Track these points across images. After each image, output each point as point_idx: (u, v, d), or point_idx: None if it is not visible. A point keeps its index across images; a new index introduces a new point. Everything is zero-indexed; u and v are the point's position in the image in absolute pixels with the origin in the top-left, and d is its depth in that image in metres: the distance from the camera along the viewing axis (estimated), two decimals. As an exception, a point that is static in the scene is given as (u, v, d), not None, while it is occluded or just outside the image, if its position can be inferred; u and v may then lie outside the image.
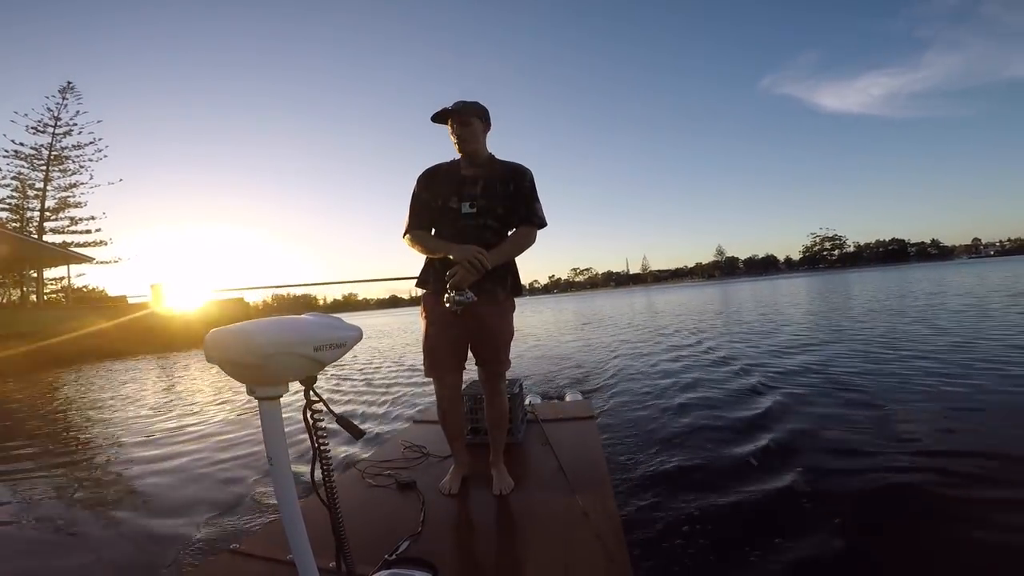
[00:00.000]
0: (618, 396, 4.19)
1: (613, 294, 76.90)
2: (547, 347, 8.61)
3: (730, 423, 3.13)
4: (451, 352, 1.82)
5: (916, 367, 4.31)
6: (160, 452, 3.52)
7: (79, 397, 6.88)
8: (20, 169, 28.58)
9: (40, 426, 4.91)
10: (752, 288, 34.22)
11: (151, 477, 2.98)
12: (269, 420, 0.85)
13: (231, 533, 2.07)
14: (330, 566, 1.04)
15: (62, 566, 1.94)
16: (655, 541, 1.76)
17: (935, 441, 2.53)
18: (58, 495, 2.75)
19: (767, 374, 4.56)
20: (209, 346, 0.80)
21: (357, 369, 7.64)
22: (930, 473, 2.15)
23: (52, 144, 29.29)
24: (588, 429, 2.57)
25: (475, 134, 1.77)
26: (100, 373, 10.11)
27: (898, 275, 34.59)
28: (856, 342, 6.08)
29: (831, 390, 3.80)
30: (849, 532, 1.73)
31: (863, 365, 4.63)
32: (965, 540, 1.66)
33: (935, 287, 15.75)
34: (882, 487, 2.07)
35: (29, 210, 28.93)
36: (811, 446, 2.59)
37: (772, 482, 2.18)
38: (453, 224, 1.77)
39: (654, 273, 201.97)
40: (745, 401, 3.66)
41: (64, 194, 29.62)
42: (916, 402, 3.30)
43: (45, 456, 3.63)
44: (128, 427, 4.49)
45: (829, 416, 3.13)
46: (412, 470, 2.13)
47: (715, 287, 53.58)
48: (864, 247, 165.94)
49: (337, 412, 0.92)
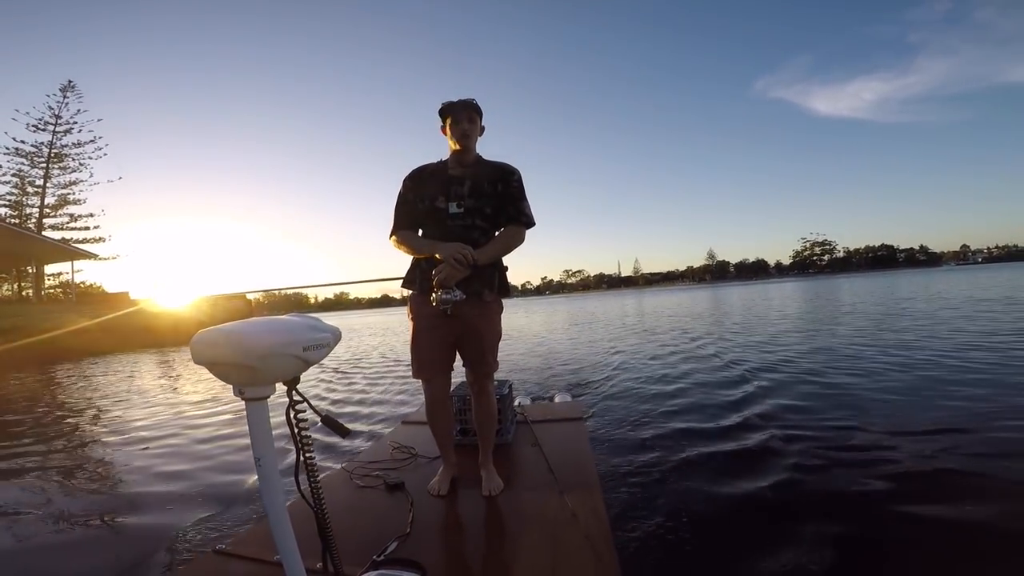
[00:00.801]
0: (607, 397, 4.21)
1: (604, 296, 76.95)
2: (541, 346, 8.63)
3: (718, 424, 3.16)
4: (438, 353, 1.81)
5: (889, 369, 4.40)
6: (144, 450, 3.47)
7: (71, 393, 6.76)
8: (20, 166, 29.24)
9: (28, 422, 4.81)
10: (743, 292, 34.51)
11: (136, 475, 2.94)
12: (257, 421, 0.85)
13: (217, 533, 2.05)
14: (317, 567, 1.03)
15: (43, 567, 1.90)
16: (643, 542, 1.77)
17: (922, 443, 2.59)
18: (37, 494, 2.70)
19: (756, 374, 4.61)
20: (197, 347, 0.79)
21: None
22: (914, 480, 2.19)
23: (52, 142, 30.01)
24: (577, 430, 2.58)
25: (476, 131, 1.81)
26: (101, 367, 9.98)
27: (885, 281, 35.07)
28: (843, 343, 6.19)
29: (823, 393, 3.85)
30: (840, 534, 1.75)
31: (853, 363, 4.72)
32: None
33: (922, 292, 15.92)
34: (872, 489, 2.09)
35: (28, 206, 29.57)
36: (801, 447, 2.62)
37: (761, 483, 2.21)
38: (441, 224, 1.78)
39: (645, 276, 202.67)
40: (733, 403, 3.70)
41: (64, 191, 30.43)
42: (905, 407, 3.37)
43: (25, 456, 3.56)
44: (113, 423, 4.41)
45: (822, 418, 3.16)
46: (401, 471, 2.13)
47: (706, 291, 53.75)
48: (854, 252, 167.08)
49: (322, 412, 0.92)
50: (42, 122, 29.55)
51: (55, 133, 30.02)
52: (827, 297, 18.36)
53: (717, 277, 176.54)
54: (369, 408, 4.55)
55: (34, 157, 29.55)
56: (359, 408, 4.59)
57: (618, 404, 3.93)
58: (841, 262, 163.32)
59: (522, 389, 4.68)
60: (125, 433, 4.11)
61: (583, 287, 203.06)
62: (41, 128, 29.58)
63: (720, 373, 4.94)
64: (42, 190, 29.73)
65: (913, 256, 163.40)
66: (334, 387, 5.99)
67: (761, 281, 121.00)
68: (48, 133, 29.77)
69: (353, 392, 5.52)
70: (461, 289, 1.66)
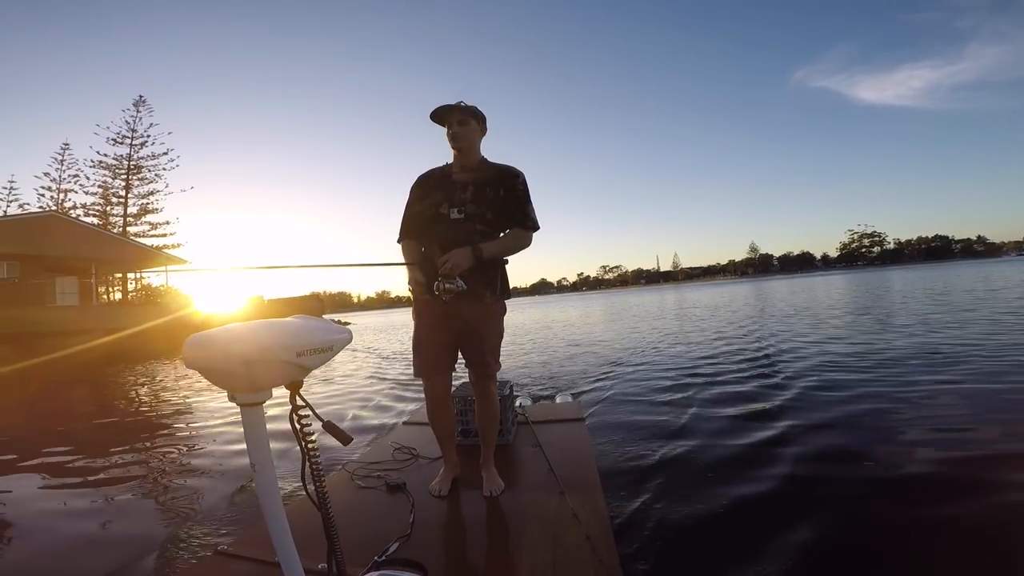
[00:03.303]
0: (609, 396, 4.20)
1: (642, 292, 75.80)
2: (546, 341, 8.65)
3: (721, 423, 3.15)
4: (440, 352, 1.83)
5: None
6: (147, 451, 3.48)
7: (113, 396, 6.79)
8: (104, 178, 32.54)
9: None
10: (787, 286, 33.42)
11: (136, 475, 2.95)
12: (251, 427, 0.84)
13: (219, 534, 2.06)
14: (319, 567, 1.04)
15: (44, 566, 1.91)
16: (645, 542, 1.76)
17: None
18: (40, 494, 2.71)
19: (762, 372, 4.59)
20: (188, 352, 0.77)
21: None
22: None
23: (130, 155, 32.71)
24: (578, 431, 2.59)
25: (470, 134, 1.80)
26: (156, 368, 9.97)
27: (942, 272, 33.07)
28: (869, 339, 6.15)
29: (843, 397, 3.58)
30: (845, 539, 1.73)
31: (868, 356, 4.69)
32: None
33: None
34: (881, 489, 2.08)
35: (113, 215, 32.73)
36: (808, 447, 2.58)
37: (766, 484, 2.19)
38: (443, 230, 1.79)
39: (685, 271, 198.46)
40: (739, 400, 3.68)
41: (143, 201, 33.06)
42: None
43: (30, 456, 3.58)
44: (131, 426, 4.43)
45: (834, 419, 3.04)
46: (402, 472, 2.13)
47: (748, 285, 51.76)
48: (905, 244, 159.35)
49: (325, 418, 0.92)
50: (120, 135, 32.28)
51: (132, 146, 32.74)
52: (883, 289, 17.33)
53: (760, 271, 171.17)
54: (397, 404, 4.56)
55: (115, 169, 32.53)
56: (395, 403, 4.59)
57: (620, 404, 3.92)
58: (892, 254, 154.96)
59: (523, 390, 4.68)
60: (135, 432, 4.13)
61: (620, 283, 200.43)
62: (119, 141, 32.39)
63: (724, 369, 4.92)
64: (124, 200, 32.71)
65: (970, 246, 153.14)
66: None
67: (806, 274, 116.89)
68: (126, 146, 32.61)
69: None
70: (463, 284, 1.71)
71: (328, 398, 5.19)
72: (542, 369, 6.09)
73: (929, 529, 1.74)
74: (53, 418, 5.30)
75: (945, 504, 1.89)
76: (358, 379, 6.46)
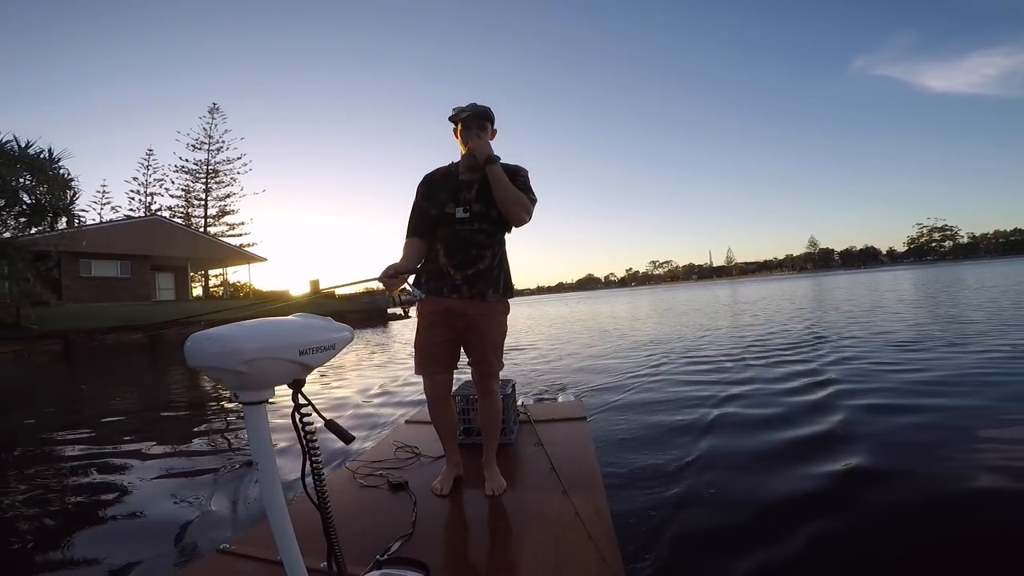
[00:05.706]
0: (611, 397, 4.19)
1: (692, 287, 74.09)
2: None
3: (727, 420, 3.14)
4: (441, 350, 1.84)
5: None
6: (147, 448, 3.48)
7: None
8: (187, 182, 35.82)
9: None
10: (848, 281, 32.06)
11: (137, 472, 2.95)
12: (254, 425, 0.84)
13: (220, 532, 2.05)
14: (321, 566, 1.04)
15: (44, 560, 1.91)
16: (648, 541, 1.76)
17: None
18: (38, 492, 2.72)
19: (765, 369, 4.57)
20: (190, 351, 0.77)
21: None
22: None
23: (208, 160, 35.77)
24: (580, 430, 2.58)
25: (485, 139, 1.83)
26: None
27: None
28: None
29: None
30: (850, 540, 1.72)
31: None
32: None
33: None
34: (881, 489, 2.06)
35: (195, 217, 35.78)
36: (820, 447, 2.54)
37: (769, 484, 2.18)
38: (448, 229, 1.81)
39: (739, 266, 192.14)
40: (746, 397, 3.67)
41: (221, 203, 36.19)
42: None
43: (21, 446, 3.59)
44: (122, 421, 4.44)
45: (848, 421, 2.93)
46: (404, 470, 2.13)
47: (807, 280, 49.44)
48: (981, 238, 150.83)
49: (327, 416, 0.92)
50: (198, 141, 35.20)
51: (209, 151, 35.71)
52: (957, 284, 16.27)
53: (820, 266, 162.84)
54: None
55: (196, 173, 35.59)
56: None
57: (622, 404, 3.91)
58: (965, 248, 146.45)
59: (525, 389, 4.68)
60: (133, 428, 4.14)
61: (671, 278, 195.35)
62: (198, 147, 35.33)
63: (726, 366, 4.90)
64: (204, 202, 35.84)
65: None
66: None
67: (870, 269, 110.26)
68: (204, 152, 35.66)
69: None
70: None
71: (329, 398, 5.20)
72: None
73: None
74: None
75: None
76: (361, 376, 6.47)
